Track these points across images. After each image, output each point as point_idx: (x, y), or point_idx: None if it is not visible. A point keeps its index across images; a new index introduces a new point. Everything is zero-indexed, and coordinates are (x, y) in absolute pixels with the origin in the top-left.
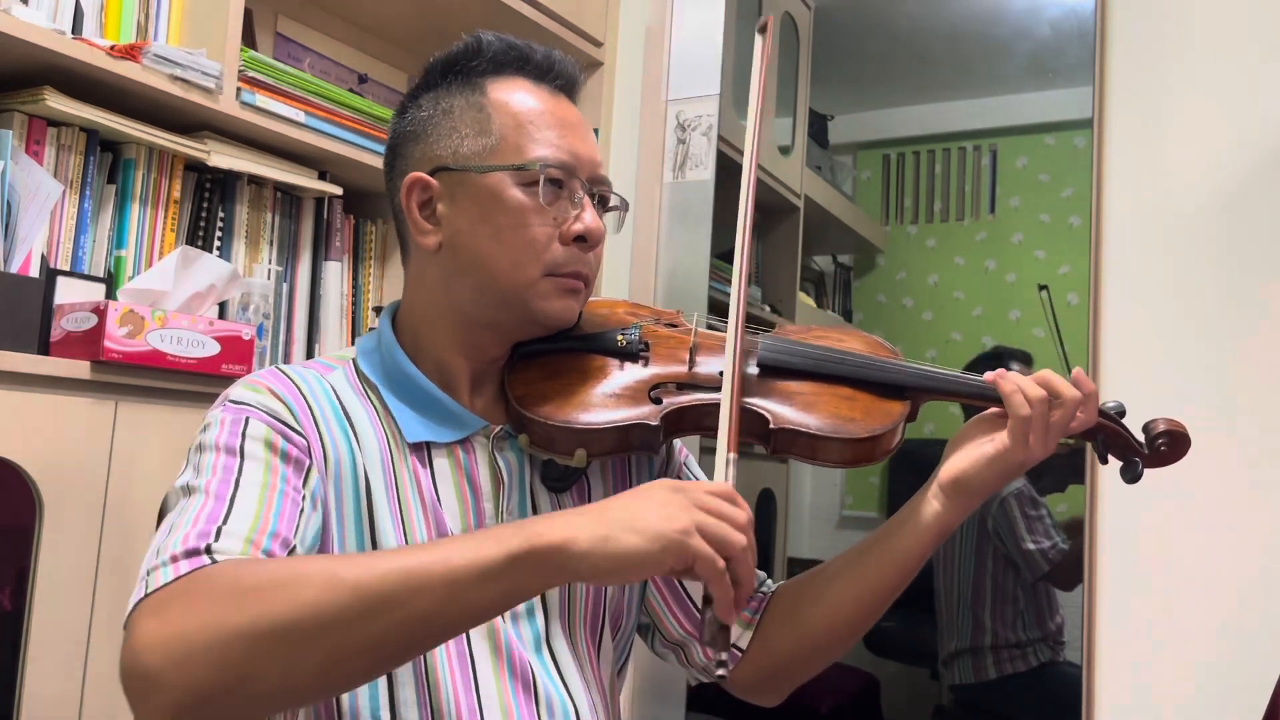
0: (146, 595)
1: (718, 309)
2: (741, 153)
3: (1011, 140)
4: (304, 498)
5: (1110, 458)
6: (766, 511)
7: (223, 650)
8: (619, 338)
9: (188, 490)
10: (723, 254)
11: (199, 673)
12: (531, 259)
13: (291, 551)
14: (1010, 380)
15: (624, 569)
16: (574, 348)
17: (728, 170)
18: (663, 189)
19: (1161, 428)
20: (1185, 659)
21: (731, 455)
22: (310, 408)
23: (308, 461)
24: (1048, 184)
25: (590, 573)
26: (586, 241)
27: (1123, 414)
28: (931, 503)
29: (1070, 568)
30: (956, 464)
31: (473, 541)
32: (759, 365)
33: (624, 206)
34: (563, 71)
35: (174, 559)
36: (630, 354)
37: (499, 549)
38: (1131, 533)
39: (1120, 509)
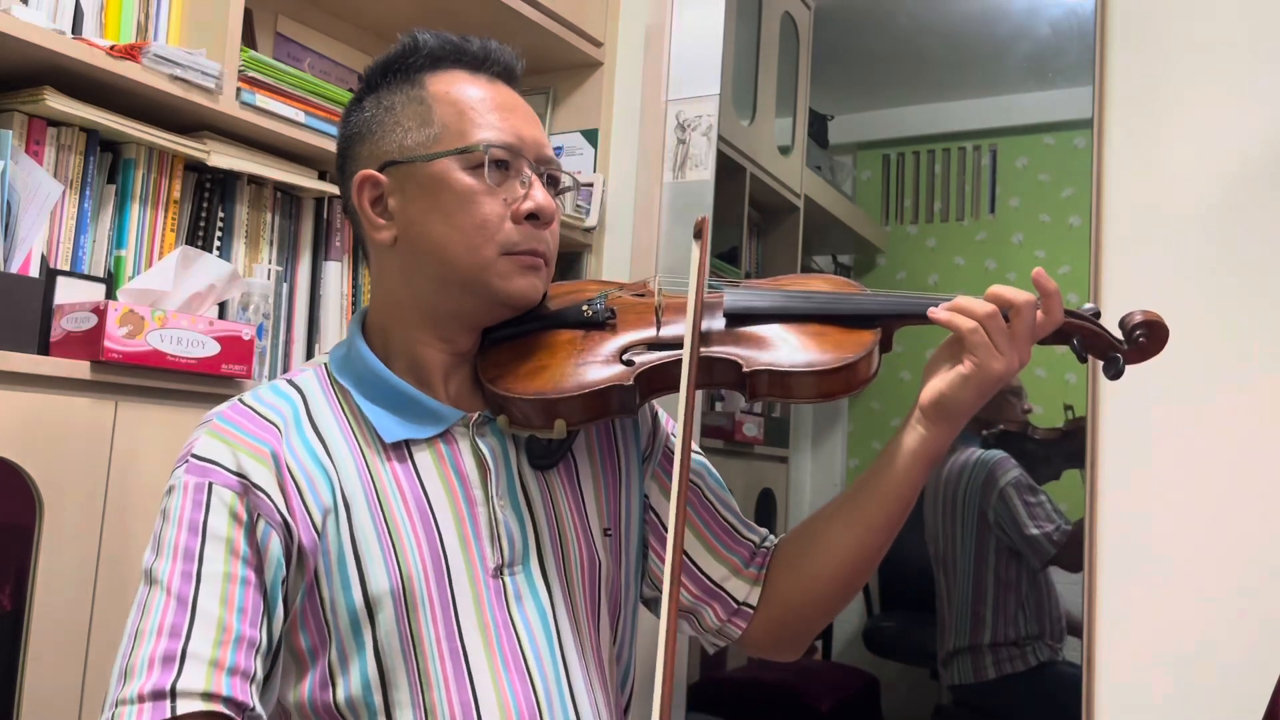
0: None
1: None
2: (743, 153)
3: (1011, 140)
4: (267, 570)
5: (1090, 357)
6: (766, 511)
7: None
8: (584, 309)
9: (150, 579)
10: (722, 254)
11: None
12: (485, 240)
13: (257, 650)
14: (941, 309)
15: None
16: (541, 326)
17: (728, 170)
18: (663, 189)
19: (1138, 319)
20: (1185, 658)
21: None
22: (277, 451)
23: (275, 520)
24: (1048, 184)
25: None
26: (539, 219)
27: (1098, 315)
28: (916, 429)
29: (1075, 548)
30: (935, 386)
31: None
32: (725, 315)
33: (575, 186)
34: (499, 59)
35: (140, 698)
36: (597, 323)
37: None
38: (1132, 532)
39: (1120, 508)
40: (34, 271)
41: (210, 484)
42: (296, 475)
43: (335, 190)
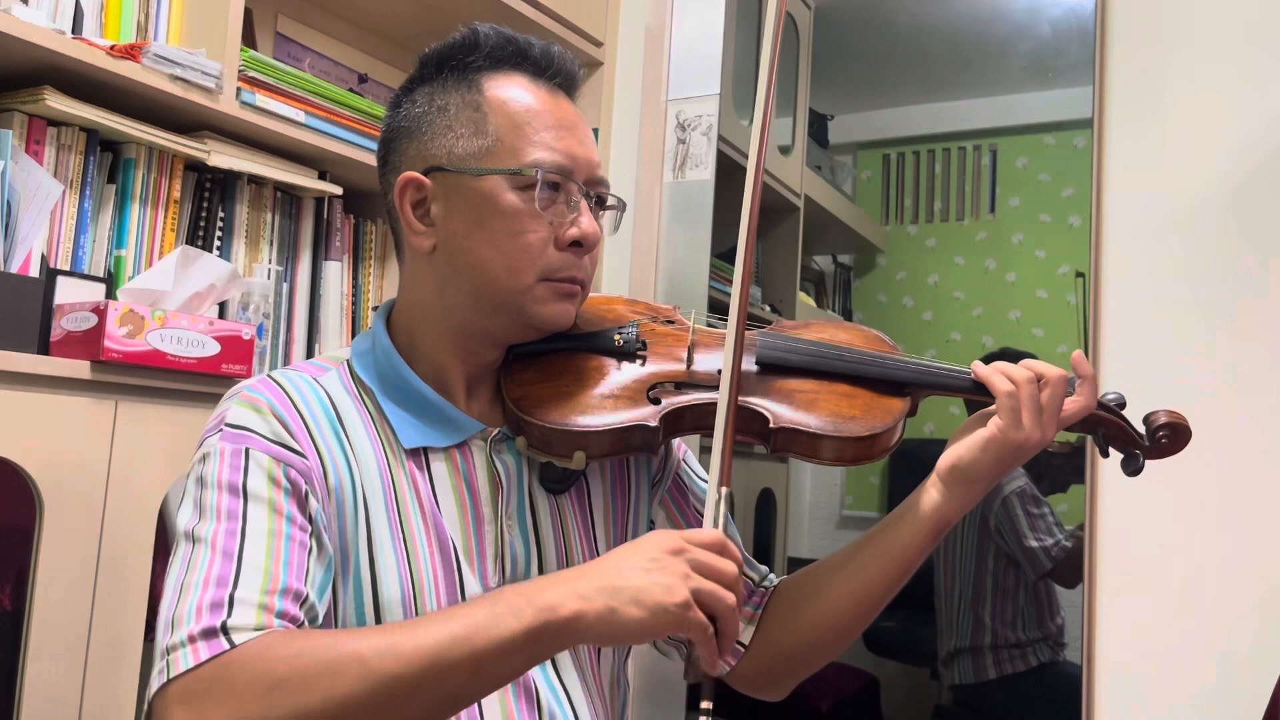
0: (170, 680)
1: (718, 309)
2: (743, 154)
3: (1011, 140)
4: (311, 535)
5: (1111, 450)
6: (766, 511)
7: None
8: (616, 337)
9: (193, 539)
10: (723, 254)
11: None
12: (527, 264)
13: (304, 601)
14: (986, 366)
15: (625, 638)
16: (570, 347)
17: (728, 170)
18: (663, 189)
19: (1162, 420)
20: (1185, 659)
21: (725, 490)
22: (306, 423)
23: (305, 487)
24: (1048, 184)
25: (595, 639)
26: (582, 246)
27: (1123, 405)
28: (930, 493)
29: (1073, 564)
30: (955, 451)
31: (490, 615)
32: (758, 363)
33: (621, 207)
34: (562, 68)
35: (191, 639)
36: (628, 353)
37: (517, 625)
38: (1132, 533)
39: (1120, 509)
40: (34, 271)
41: (247, 449)
42: (324, 454)
43: (336, 190)
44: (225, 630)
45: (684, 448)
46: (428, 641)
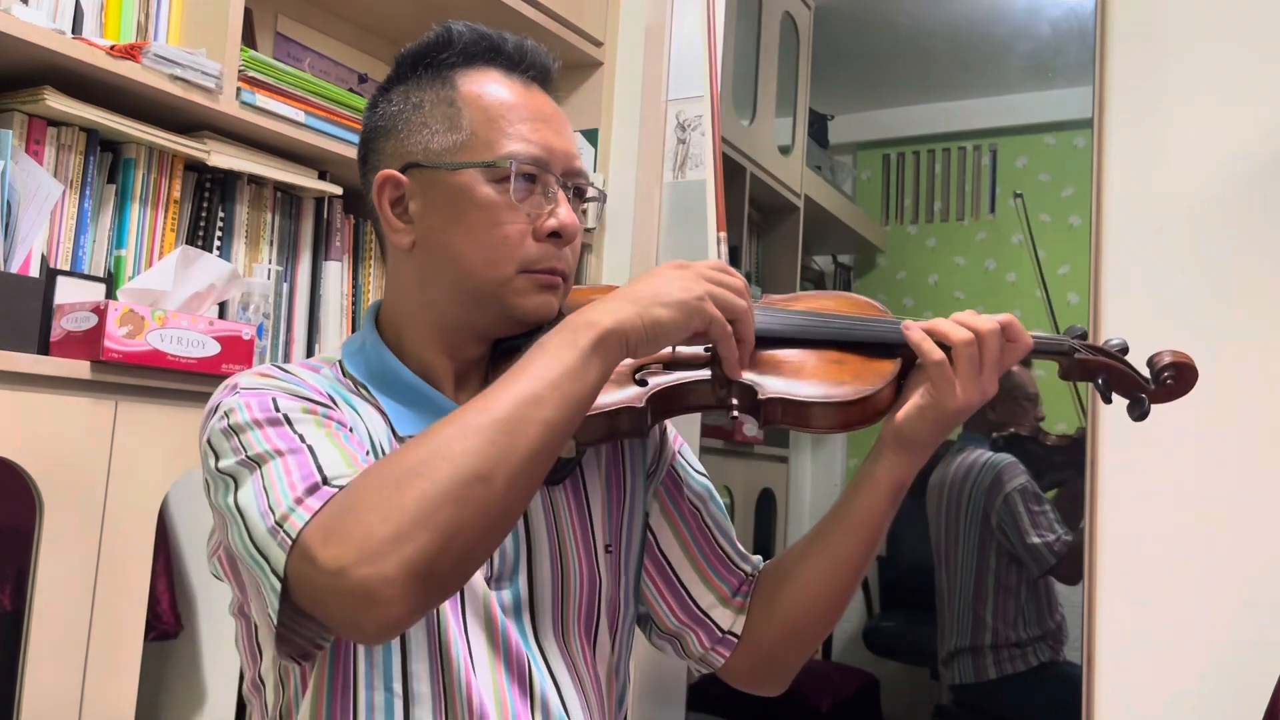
0: (296, 541)
1: None
2: (743, 154)
3: (1011, 140)
4: (359, 446)
5: (1115, 396)
6: (767, 511)
7: (420, 521)
8: None
9: (252, 463)
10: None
11: (411, 549)
12: (505, 257)
13: None
14: (917, 330)
15: (661, 336)
16: None
17: (728, 170)
18: (663, 189)
19: (1167, 360)
20: (1185, 659)
21: (721, 235)
22: (318, 391)
23: (349, 423)
24: (1048, 184)
25: (638, 343)
26: (561, 237)
27: (1125, 350)
28: (881, 461)
29: (1074, 560)
30: (897, 417)
31: (549, 355)
32: None
33: (601, 198)
34: (535, 61)
35: (299, 502)
36: None
37: (576, 351)
38: (1132, 532)
39: (1121, 508)
40: (34, 271)
41: (273, 397)
42: (345, 412)
43: (336, 190)
44: (326, 481)
45: (680, 441)
46: (514, 389)
